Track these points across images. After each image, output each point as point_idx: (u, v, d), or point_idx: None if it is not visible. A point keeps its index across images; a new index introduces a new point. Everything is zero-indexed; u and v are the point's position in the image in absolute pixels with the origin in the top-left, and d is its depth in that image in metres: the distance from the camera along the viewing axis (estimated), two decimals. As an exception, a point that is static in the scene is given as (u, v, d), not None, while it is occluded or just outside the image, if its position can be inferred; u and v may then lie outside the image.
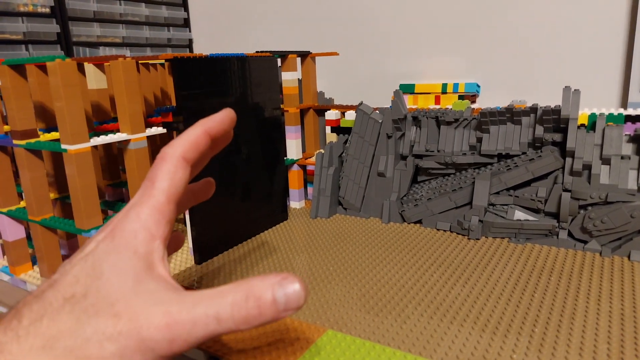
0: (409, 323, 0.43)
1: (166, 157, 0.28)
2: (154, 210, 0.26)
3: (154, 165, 0.28)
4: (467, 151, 0.68)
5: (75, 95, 0.46)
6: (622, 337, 0.40)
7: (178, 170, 0.27)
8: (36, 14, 1.12)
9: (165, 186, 0.27)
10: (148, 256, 0.25)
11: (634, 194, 0.55)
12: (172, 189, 0.27)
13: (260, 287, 0.24)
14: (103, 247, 0.25)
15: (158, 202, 0.26)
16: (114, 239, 0.25)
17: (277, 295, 0.24)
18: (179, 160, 0.28)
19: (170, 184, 0.27)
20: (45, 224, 0.54)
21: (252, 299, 0.24)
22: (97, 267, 0.24)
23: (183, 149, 0.28)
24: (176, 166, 0.27)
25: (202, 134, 0.29)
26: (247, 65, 0.63)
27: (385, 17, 1.20)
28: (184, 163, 0.28)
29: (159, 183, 0.27)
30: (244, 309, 0.23)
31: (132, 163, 0.53)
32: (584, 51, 0.99)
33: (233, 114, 0.32)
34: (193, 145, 0.28)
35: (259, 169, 0.68)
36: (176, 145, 0.28)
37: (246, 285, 0.24)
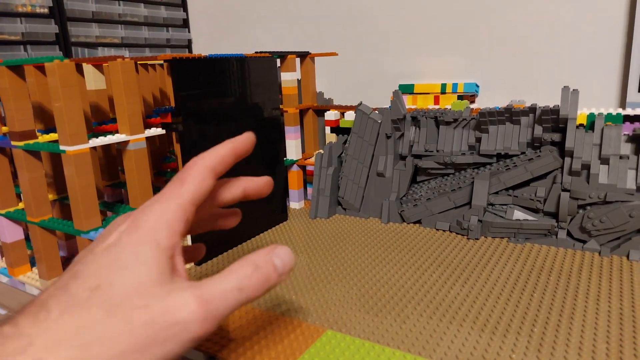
0: (408, 323, 0.43)
1: (197, 165, 0.30)
2: (179, 208, 0.28)
3: (185, 168, 0.30)
4: (466, 151, 0.68)
5: (73, 96, 0.46)
6: (620, 337, 0.40)
7: (206, 178, 0.29)
8: (35, 14, 1.12)
9: (192, 189, 0.29)
10: (169, 250, 0.26)
11: (633, 194, 0.56)
12: (198, 193, 0.29)
13: (262, 259, 0.28)
14: (126, 239, 0.26)
15: (184, 202, 0.28)
16: (137, 230, 0.26)
17: (275, 261, 0.28)
18: (207, 170, 0.30)
19: (197, 188, 0.29)
20: (44, 225, 0.54)
21: (259, 269, 0.27)
22: (121, 258, 0.25)
23: (214, 161, 0.30)
24: (205, 174, 0.29)
25: (230, 150, 0.32)
26: (246, 66, 0.63)
27: (385, 17, 1.20)
28: (211, 174, 0.30)
29: (188, 185, 0.29)
30: (255, 277, 0.27)
31: (130, 164, 0.53)
32: (582, 51, 0.99)
33: (254, 138, 0.36)
34: (221, 160, 0.31)
35: (258, 169, 0.68)
36: (207, 157, 0.31)
37: (250, 260, 0.28)
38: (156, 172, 0.75)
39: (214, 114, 0.59)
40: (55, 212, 0.64)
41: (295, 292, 0.50)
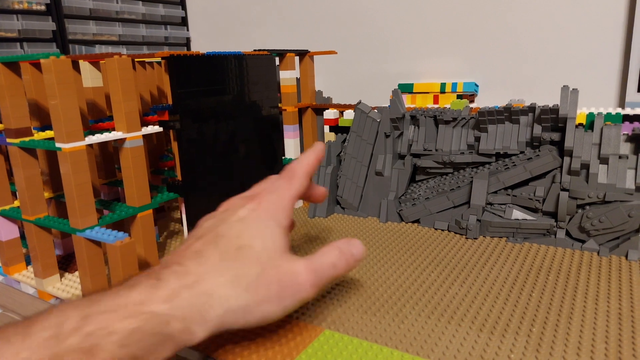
0: (406, 323, 0.43)
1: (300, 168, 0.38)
2: (291, 199, 0.36)
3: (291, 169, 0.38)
4: (465, 150, 0.67)
5: (69, 93, 0.45)
6: (619, 337, 0.39)
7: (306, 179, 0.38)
8: (31, 11, 1.11)
9: (298, 186, 0.37)
10: (285, 230, 0.34)
11: (632, 193, 0.55)
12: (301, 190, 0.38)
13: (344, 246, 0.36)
14: (256, 215, 0.34)
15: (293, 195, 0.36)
16: (264, 211, 0.34)
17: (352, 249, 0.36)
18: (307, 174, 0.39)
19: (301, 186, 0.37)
20: (39, 224, 0.53)
21: (343, 253, 0.35)
22: (255, 228, 0.33)
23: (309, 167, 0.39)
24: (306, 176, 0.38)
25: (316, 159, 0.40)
26: (245, 64, 0.63)
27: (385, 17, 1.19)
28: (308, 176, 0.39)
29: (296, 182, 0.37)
30: (342, 260, 0.35)
31: (127, 162, 0.52)
32: (582, 50, 0.99)
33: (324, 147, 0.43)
34: (313, 166, 0.39)
35: (256, 168, 0.67)
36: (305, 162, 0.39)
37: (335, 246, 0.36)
38: (153, 170, 0.74)
39: (212, 112, 0.59)
40: (51, 210, 0.63)
41: (293, 292, 0.50)
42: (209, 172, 0.59)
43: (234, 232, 0.33)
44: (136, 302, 0.28)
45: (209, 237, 0.33)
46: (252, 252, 0.32)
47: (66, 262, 0.63)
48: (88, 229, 0.49)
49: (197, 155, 0.57)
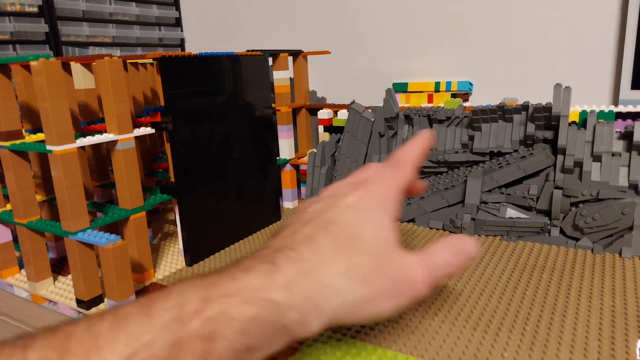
0: (400, 322, 0.43)
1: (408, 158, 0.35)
2: (398, 190, 0.33)
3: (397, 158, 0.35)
4: (459, 149, 0.67)
5: (60, 95, 0.45)
6: (613, 334, 0.39)
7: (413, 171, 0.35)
8: (24, 13, 1.11)
9: (405, 178, 0.34)
10: (393, 219, 0.32)
11: (625, 191, 0.55)
12: (407, 182, 0.34)
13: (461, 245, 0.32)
14: (367, 204, 0.31)
15: (400, 187, 0.33)
16: (373, 200, 0.31)
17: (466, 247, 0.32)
18: (414, 165, 0.35)
19: (408, 178, 0.34)
20: (31, 227, 0.53)
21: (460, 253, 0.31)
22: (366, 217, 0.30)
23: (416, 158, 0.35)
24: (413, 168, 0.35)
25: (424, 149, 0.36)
26: (238, 64, 0.63)
27: (378, 16, 1.19)
28: (415, 168, 0.35)
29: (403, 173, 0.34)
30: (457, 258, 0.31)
31: (119, 164, 0.52)
32: (575, 48, 0.99)
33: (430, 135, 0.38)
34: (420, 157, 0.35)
35: (251, 169, 0.67)
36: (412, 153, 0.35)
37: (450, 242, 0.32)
38: (147, 171, 0.74)
39: (205, 113, 0.58)
40: (44, 213, 0.63)
41: (287, 292, 0.50)
42: (202, 173, 0.59)
43: (344, 218, 0.30)
44: (255, 287, 0.26)
45: (319, 222, 0.30)
46: (365, 242, 0.30)
47: (60, 265, 0.63)
48: (80, 231, 0.48)
49: (190, 157, 0.57)
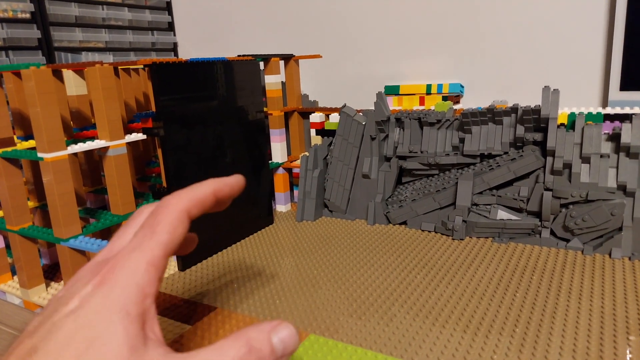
0: (391, 325, 0.43)
1: (170, 208, 0.26)
2: (150, 265, 0.24)
3: (156, 212, 0.26)
4: (450, 152, 0.68)
5: (51, 102, 0.45)
6: (601, 335, 0.40)
7: (180, 225, 0.26)
8: (16, 19, 1.11)
9: (165, 240, 0.25)
10: (140, 318, 0.23)
11: (614, 192, 0.56)
12: (171, 243, 0.25)
13: (259, 339, 0.24)
14: (93, 305, 0.22)
15: (155, 257, 0.24)
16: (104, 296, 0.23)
17: (275, 342, 0.24)
18: (182, 214, 0.26)
19: (170, 238, 0.25)
20: (23, 234, 0.53)
21: (253, 351, 0.23)
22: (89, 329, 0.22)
23: (189, 204, 0.27)
24: (179, 219, 0.26)
25: (210, 193, 0.28)
26: (229, 70, 0.63)
27: (369, 19, 1.20)
28: (186, 218, 0.26)
29: (160, 236, 0.25)
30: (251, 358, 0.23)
31: (111, 170, 0.52)
32: (564, 50, 1.00)
33: (243, 183, 0.31)
34: (199, 202, 0.27)
35: (244, 172, 0.67)
36: (183, 198, 0.27)
37: (245, 338, 0.24)
38: (140, 177, 0.74)
39: (196, 118, 0.59)
40: (37, 219, 0.63)
41: (280, 296, 0.50)
42: (194, 178, 0.59)
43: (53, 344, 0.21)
44: None
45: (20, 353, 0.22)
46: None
47: (53, 271, 0.63)
48: (72, 238, 0.49)
49: (182, 162, 0.57)
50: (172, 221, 0.25)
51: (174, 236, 0.25)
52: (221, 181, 0.29)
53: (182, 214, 0.26)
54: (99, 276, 0.24)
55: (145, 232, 0.25)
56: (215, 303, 0.49)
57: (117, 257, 0.24)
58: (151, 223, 0.25)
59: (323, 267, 0.57)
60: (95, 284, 0.23)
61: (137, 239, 0.25)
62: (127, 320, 0.22)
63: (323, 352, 0.40)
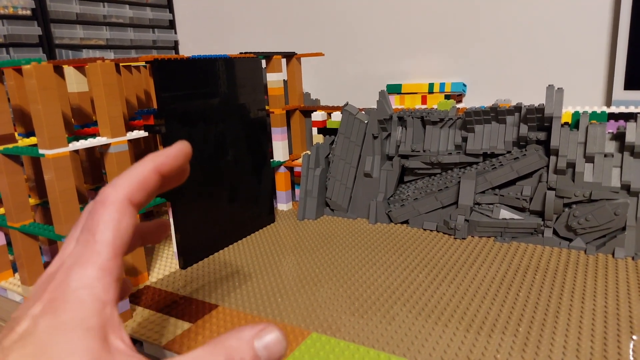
0: (393, 324, 0.43)
1: (107, 202, 0.23)
2: (100, 271, 0.21)
3: (94, 210, 0.23)
4: (452, 151, 0.68)
5: (52, 98, 0.45)
6: (605, 335, 0.40)
7: (123, 217, 0.23)
8: (17, 16, 1.10)
9: (109, 238, 0.22)
10: (101, 330, 0.21)
11: (618, 192, 0.56)
12: (118, 240, 0.22)
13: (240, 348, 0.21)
14: (45, 326, 0.20)
15: (104, 260, 0.22)
16: (55, 313, 0.20)
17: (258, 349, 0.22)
18: (123, 205, 0.23)
19: (115, 235, 0.22)
20: (24, 231, 0.53)
21: None
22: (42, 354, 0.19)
23: (129, 190, 0.24)
24: (120, 212, 0.23)
25: (151, 171, 0.25)
26: (231, 67, 0.63)
27: (372, 18, 1.20)
28: (129, 207, 0.23)
29: (101, 235, 0.22)
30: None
31: (112, 167, 0.52)
32: (568, 49, 1.00)
33: (188, 149, 0.27)
34: (140, 185, 0.24)
35: (245, 171, 0.67)
36: (120, 186, 0.24)
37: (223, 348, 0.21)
38: (141, 175, 0.74)
39: (198, 116, 0.58)
40: (38, 216, 0.63)
41: (281, 294, 0.50)
42: (196, 176, 0.59)
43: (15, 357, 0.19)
44: None
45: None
46: None
47: None
48: (73, 235, 0.48)
49: (183, 160, 0.57)
50: (112, 217, 0.23)
51: (119, 231, 0.23)
52: (161, 154, 0.26)
53: (123, 205, 0.23)
54: (47, 292, 0.21)
55: (86, 237, 0.23)
56: (217, 301, 0.49)
57: (63, 268, 0.22)
58: (90, 225, 0.23)
59: (324, 265, 0.56)
60: (45, 301, 0.21)
61: (80, 245, 0.23)
62: (87, 335, 0.20)
63: (325, 351, 0.39)
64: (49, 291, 0.21)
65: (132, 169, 0.24)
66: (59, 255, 0.24)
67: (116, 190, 0.23)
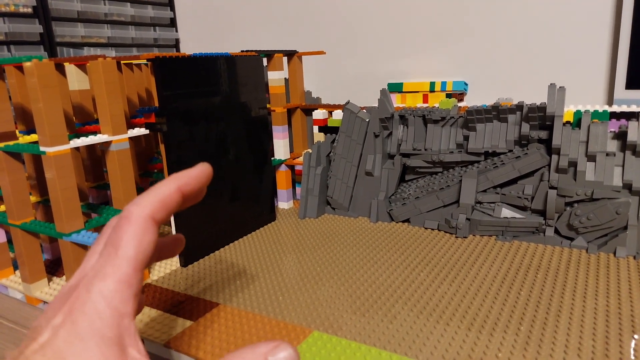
0: (395, 323, 0.43)
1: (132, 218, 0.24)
2: (120, 284, 0.23)
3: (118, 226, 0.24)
4: (454, 149, 0.68)
5: (53, 96, 0.45)
6: (607, 334, 0.40)
7: (145, 234, 0.24)
8: (18, 14, 1.10)
9: (131, 254, 0.23)
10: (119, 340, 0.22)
11: (619, 191, 0.56)
12: (140, 255, 0.24)
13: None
14: (64, 336, 0.21)
15: (125, 274, 0.23)
16: (75, 323, 0.21)
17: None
18: (146, 222, 0.24)
19: (137, 251, 0.23)
20: (25, 228, 0.53)
21: None
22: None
23: (152, 208, 0.25)
24: (143, 229, 0.24)
25: (174, 191, 0.26)
26: (232, 65, 0.63)
27: (373, 16, 1.20)
28: (152, 224, 0.24)
29: (124, 250, 0.23)
30: None
31: (114, 165, 0.52)
32: (570, 48, 0.99)
33: (210, 170, 0.29)
34: (163, 204, 0.25)
35: (246, 169, 0.67)
36: (144, 203, 0.25)
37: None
38: (142, 172, 0.74)
39: (199, 114, 0.58)
40: (39, 214, 0.63)
41: (282, 293, 0.50)
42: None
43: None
44: None
45: None
46: None
47: (55, 266, 0.62)
48: (74, 233, 0.48)
49: (184, 158, 0.57)
50: (135, 233, 0.24)
51: (141, 248, 0.24)
52: (184, 175, 0.28)
53: (146, 222, 0.24)
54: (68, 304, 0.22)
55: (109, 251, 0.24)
56: (218, 299, 0.49)
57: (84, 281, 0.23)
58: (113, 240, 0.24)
59: (326, 264, 0.56)
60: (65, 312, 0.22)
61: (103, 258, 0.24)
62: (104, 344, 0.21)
63: (327, 349, 0.39)
64: (70, 302, 0.22)
65: (156, 187, 0.26)
66: (81, 267, 0.26)
67: (140, 208, 0.24)
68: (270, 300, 0.48)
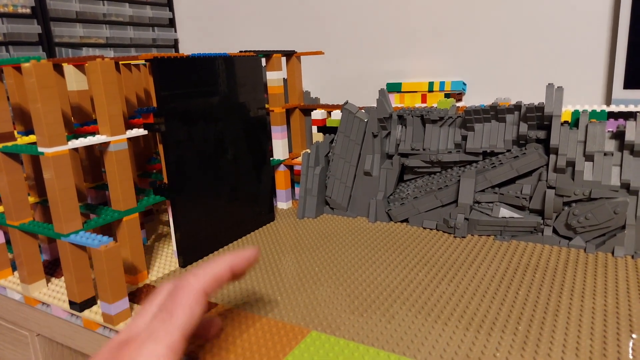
0: (393, 323, 0.43)
1: (188, 289, 0.27)
2: (169, 350, 0.25)
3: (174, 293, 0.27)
4: (452, 149, 0.68)
5: (51, 96, 0.45)
6: (605, 333, 0.40)
7: (197, 305, 0.27)
8: (16, 14, 1.10)
9: (183, 323, 0.26)
10: None
11: (617, 190, 0.56)
12: (189, 325, 0.26)
13: None
14: None
15: (174, 341, 0.25)
16: None
17: None
18: (199, 294, 0.27)
19: (188, 321, 0.26)
20: (23, 229, 0.53)
21: None
22: None
23: (206, 282, 0.28)
24: (196, 300, 0.27)
25: (227, 270, 0.30)
26: (231, 65, 0.63)
27: (371, 16, 1.20)
28: (204, 297, 0.28)
29: (178, 319, 0.26)
30: None
31: (112, 165, 0.52)
32: (568, 48, 1.00)
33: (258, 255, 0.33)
34: (216, 280, 0.29)
35: (245, 169, 0.67)
36: (201, 277, 0.28)
37: None
38: (141, 173, 0.74)
39: (198, 114, 0.58)
40: (37, 215, 0.63)
41: (280, 293, 0.50)
42: (195, 174, 0.59)
43: None
44: None
45: None
46: None
47: (53, 266, 0.62)
48: (72, 233, 0.48)
49: (183, 158, 0.57)
50: (189, 303, 0.27)
51: (191, 318, 0.27)
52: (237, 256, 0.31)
53: (199, 294, 0.27)
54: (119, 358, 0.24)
55: (164, 316, 0.26)
56: (216, 299, 0.49)
57: (136, 340, 0.25)
58: (169, 306, 0.26)
59: (324, 264, 0.56)
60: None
61: (157, 322, 0.26)
62: None
63: (325, 349, 0.39)
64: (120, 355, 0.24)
65: (211, 263, 0.29)
66: (130, 325, 0.28)
67: (197, 280, 0.27)
68: (268, 300, 0.48)
